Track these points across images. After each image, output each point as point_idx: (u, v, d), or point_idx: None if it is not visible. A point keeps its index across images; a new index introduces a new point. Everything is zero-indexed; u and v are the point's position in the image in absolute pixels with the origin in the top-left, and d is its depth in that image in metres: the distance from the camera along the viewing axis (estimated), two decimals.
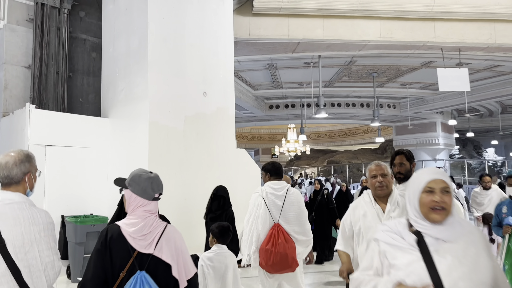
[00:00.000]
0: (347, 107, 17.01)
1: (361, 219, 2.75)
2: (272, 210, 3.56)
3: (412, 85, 14.94)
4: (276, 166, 3.80)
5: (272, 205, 3.58)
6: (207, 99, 6.40)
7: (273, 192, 3.62)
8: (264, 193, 3.63)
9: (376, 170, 2.70)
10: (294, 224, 3.58)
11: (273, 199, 3.59)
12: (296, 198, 3.66)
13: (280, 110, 17.09)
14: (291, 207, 3.60)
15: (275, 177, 3.72)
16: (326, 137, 29.90)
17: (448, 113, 19.65)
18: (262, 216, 3.55)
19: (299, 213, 3.62)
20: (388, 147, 25.28)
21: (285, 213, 3.57)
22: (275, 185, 3.67)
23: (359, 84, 14.62)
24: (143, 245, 1.93)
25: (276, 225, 3.53)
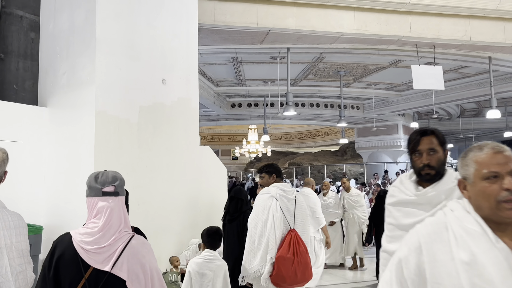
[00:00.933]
0: (311, 108, 16.52)
1: (463, 273, 1.19)
2: (286, 213, 3.28)
3: (378, 85, 14.65)
4: (278, 168, 3.57)
5: (285, 208, 3.29)
6: (166, 87, 5.53)
7: (285, 195, 3.34)
8: (277, 195, 3.31)
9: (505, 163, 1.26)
10: (302, 230, 3.34)
11: (286, 203, 3.31)
12: (302, 204, 3.44)
13: (243, 109, 16.34)
14: (301, 211, 3.38)
15: (280, 179, 3.49)
16: (287, 139, 29.51)
17: (409, 116, 19.67)
18: (279, 220, 3.24)
19: (306, 218, 3.43)
20: (348, 149, 25.20)
21: (296, 217, 3.33)
22: (285, 187, 3.39)
23: (325, 83, 14.14)
24: (99, 260, 1.64)
25: (292, 230, 3.25)
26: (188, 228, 5.60)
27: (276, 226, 3.23)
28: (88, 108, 4.84)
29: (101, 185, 1.72)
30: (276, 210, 3.27)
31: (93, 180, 1.74)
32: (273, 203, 3.30)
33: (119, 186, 1.76)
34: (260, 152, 23.75)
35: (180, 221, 5.45)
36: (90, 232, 1.66)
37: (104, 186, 1.72)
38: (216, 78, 13.40)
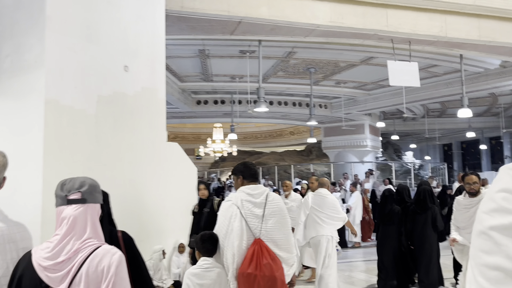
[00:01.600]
0: (279, 106, 16.13)
1: None
2: (250, 222, 2.88)
3: (347, 84, 14.44)
4: (250, 167, 3.13)
5: (250, 215, 2.88)
6: (129, 75, 4.89)
7: (250, 199, 2.92)
8: (239, 201, 2.92)
9: None
10: (277, 238, 2.92)
11: (251, 208, 2.90)
12: (278, 205, 2.97)
13: (209, 106, 15.72)
14: (273, 217, 2.91)
15: (250, 181, 3.04)
16: (252, 138, 29.08)
17: (376, 116, 19.68)
18: (237, 231, 2.85)
19: (282, 224, 2.96)
20: (313, 149, 25.06)
21: (265, 225, 2.90)
22: (251, 190, 2.96)
23: (294, 80, 13.77)
24: (55, 278, 1.48)
25: (257, 240, 2.85)
26: (154, 234, 5.00)
27: (235, 238, 2.85)
28: (36, 96, 4.13)
29: (66, 192, 1.62)
30: (235, 220, 2.89)
31: (59, 188, 1.65)
32: (234, 212, 2.92)
33: (87, 193, 1.62)
34: (226, 151, 23.15)
35: (144, 226, 4.83)
36: (50, 246, 1.54)
37: (69, 193, 1.62)
38: (181, 72, 12.73)
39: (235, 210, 2.92)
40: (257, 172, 3.18)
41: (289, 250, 2.96)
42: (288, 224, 3.03)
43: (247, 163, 3.20)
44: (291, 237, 3.02)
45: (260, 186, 3.05)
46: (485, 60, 11.47)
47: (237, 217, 2.89)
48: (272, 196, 3.02)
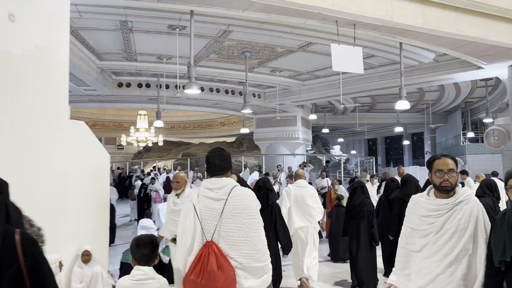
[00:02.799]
0: (210, 93, 15.08)
1: None
2: (204, 220, 2.49)
3: (283, 72, 13.78)
4: (212, 157, 2.62)
5: (206, 213, 2.50)
6: (15, 27, 3.64)
7: (208, 194, 2.53)
8: (195, 196, 2.55)
9: None
10: (238, 241, 2.45)
11: (208, 205, 2.51)
12: (243, 202, 2.50)
13: (132, 89, 14.24)
14: (234, 216, 2.47)
15: (213, 174, 2.62)
16: (180, 128, 27.72)
17: (308, 108, 19.37)
18: (189, 230, 2.51)
19: (247, 225, 2.46)
20: (244, 140, 24.39)
21: (224, 224, 2.46)
22: (211, 183, 2.57)
23: (228, 65, 12.81)
24: None
25: (208, 243, 2.45)
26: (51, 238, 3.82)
27: (187, 239, 2.49)
28: None
29: None
30: (188, 217, 2.52)
31: None
32: (189, 208, 2.56)
33: None
34: (151, 141, 21.65)
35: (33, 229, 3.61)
36: None
37: None
38: (100, 48, 11.20)
39: (190, 206, 2.55)
40: (223, 163, 2.62)
41: (256, 257, 2.43)
42: (256, 226, 2.49)
43: (211, 154, 2.66)
44: (259, 242, 2.47)
45: (224, 180, 2.57)
46: (420, 53, 11.36)
47: (190, 215, 2.53)
48: (237, 192, 2.52)
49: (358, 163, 21.84)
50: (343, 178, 19.95)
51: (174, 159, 22.25)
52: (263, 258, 2.45)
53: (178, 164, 21.38)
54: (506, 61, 10.43)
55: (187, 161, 20.65)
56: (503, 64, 10.66)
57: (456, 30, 8.34)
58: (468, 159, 18.96)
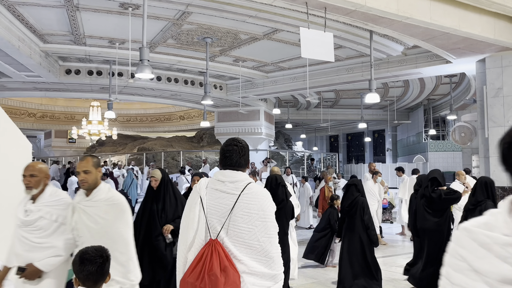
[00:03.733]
0: (168, 83, 14.09)
1: None
2: (211, 216, 2.15)
3: (246, 62, 13.02)
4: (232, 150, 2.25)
5: (213, 207, 2.16)
6: None
7: (218, 187, 2.19)
8: (203, 188, 2.22)
9: None
10: (248, 244, 2.08)
11: (217, 198, 2.17)
12: (258, 202, 2.12)
13: (82, 77, 13.04)
14: (246, 215, 2.09)
15: (225, 168, 2.27)
16: (137, 122, 26.40)
17: (271, 102, 18.75)
18: (193, 225, 2.17)
19: (260, 227, 2.08)
20: (205, 135, 23.48)
21: (233, 223, 2.10)
22: (225, 176, 2.22)
23: (187, 52, 11.90)
24: None
25: (212, 242, 2.10)
26: None
27: (189, 234, 2.18)
28: None
29: None
30: (193, 210, 2.21)
31: None
32: (194, 200, 2.25)
33: None
34: (104, 134, 20.32)
35: None
36: None
37: None
38: (43, 29, 10.01)
39: (196, 197, 2.26)
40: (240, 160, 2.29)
41: (267, 264, 2.10)
42: (270, 230, 2.15)
43: (227, 147, 2.31)
44: (272, 249, 2.13)
45: (240, 174, 2.26)
46: (389, 45, 10.95)
47: (196, 207, 2.23)
48: (252, 190, 2.20)
49: (322, 159, 21.46)
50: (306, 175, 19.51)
51: (130, 154, 21.04)
52: (275, 266, 2.12)
53: (133, 159, 20.19)
54: (475, 56, 10.18)
55: (142, 156, 19.52)
56: (472, 58, 10.41)
57: (430, 19, 7.89)
58: (430, 156, 18.98)
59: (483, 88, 10.45)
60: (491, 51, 9.82)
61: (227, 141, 2.35)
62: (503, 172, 1.28)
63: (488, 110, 10.29)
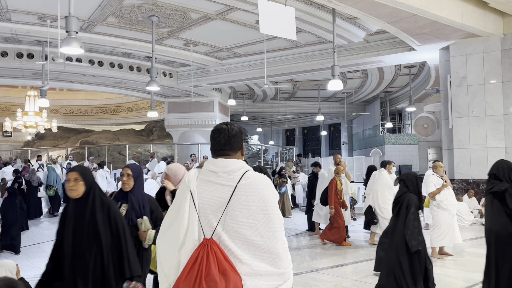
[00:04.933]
0: (111, 69, 12.75)
1: None
2: (203, 211, 1.86)
3: (198, 47, 11.94)
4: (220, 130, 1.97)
5: (207, 201, 1.86)
6: None
7: (211, 178, 1.89)
8: (193, 181, 1.91)
9: None
10: (250, 241, 1.81)
11: (210, 191, 1.87)
12: (258, 192, 1.83)
13: (9, 60, 11.45)
14: (245, 209, 1.81)
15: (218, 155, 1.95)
16: (81, 114, 24.51)
17: (226, 93, 17.77)
18: (182, 223, 1.88)
19: (262, 221, 1.81)
20: (155, 128, 22.13)
21: (231, 218, 1.82)
22: (216, 165, 1.90)
23: (131, 33, 10.65)
24: None
25: (207, 241, 1.82)
26: None
27: (179, 234, 1.86)
28: None
29: None
30: (178, 208, 1.89)
31: None
32: (183, 196, 1.90)
33: None
34: (42, 126, 18.48)
35: None
36: None
37: None
38: None
39: (185, 192, 1.91)
40: (231, 141, 1.94)
41: (273, 262, 1.83)
42: (275, 223, 1.84)
43: (215, 128, 1.99)
44: (278, 244, 1.82)
45: (234, 162, 1.90)
46: (351, 30, 10.29)
47: (185, 203, 1.88)
48: (251, 178, 1.84)
49: (279, 153, 20.75)
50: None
51: (71, 148, 19.31)
52: (283, 264, 1.86)
53: (75, 153, 18.53)
54: (439, 42, 9.71)
55: (85, 150, 17.92)
56: (436, 46, 9.94)
57: None
58: (387, 149, 18.76)
59: (447, 77, 10.02)
60: (457, 37, 9.37)
61: (217, 127, 2.04)
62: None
63: (452, 100, 9.87)
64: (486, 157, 9.34)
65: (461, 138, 9.70)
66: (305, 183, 13.34)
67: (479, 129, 9.49)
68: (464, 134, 9.65)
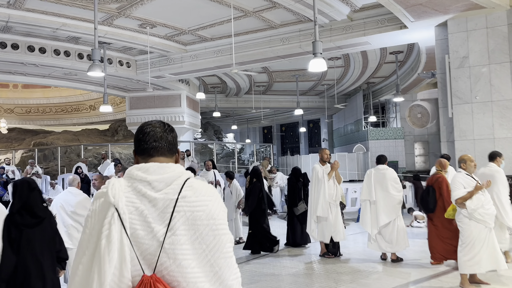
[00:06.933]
0: (56, 56, 10.94)
1: None
2: (137, 238, 1.39)
3: (156, 28, 10.25)
4: (156, 124, 1.59)
5: (139, 224, 1.40)
6: None
7: (143, 189, 1.43)
8: (119, 196, 1.40)
9: None
10: (197, 275, 1.39)
11: (143, 209, 1.41)
12: (205, 206, 1.43)
13: None
14: (191, 229, 1.41)
15: (147, 156, 1.53)
16: (39, 113, 22.42)
17: (194, 86, 16.10)
18: (107, 258, 1.35)
19: (212, 246, 1.41)
20: (120, 128, 20.28)
21: (174, 244, 1.39)
22: (149, 172, 1.45)
23: (73, 10, 8.89)
24: None
25: (149, 280, 1.37)
26: None
27: (106, 272, 1.34)
28: None
29: None
30: (107, 233, 1.37)
31: None
32: (107, 218, 1.38)
33: None
34: None
35: None
36: None
37: None
38: None
39: (106, 210, 1.40)
40: (170, 140, 1.58)
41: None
42: (226, 247, 1.44)
43: (148, 123, 1.61)
44: (230, 275, 1.44)
45: (172, 167, 1.48)
46: (333, 5, 8.79)
47: (112, 228, 1.37)
48: (194, 188, 1.46)
49: (254, 151, 19.20)
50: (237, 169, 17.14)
51: (24, 150, 17.31)
52: None
53: (28, 156, 16.54)
54: (436, 17, 8.31)
55: (42, 153, 15.98)
56: (432, 21, 8.54)
57: None
58: (371, 145, 17.43)
59: (445, 58, 8.62)
60: (457, 9, 7.98)
61: (145, 122, 1.64)
62: None
63: (452, 84, 8.48)
64: (494, 149, 7.94)
65: (463, 128, 8.32)
66: (283, 185, 11.80)
67: (484, 117, 8.13)
68: (467, 123, 8.29)
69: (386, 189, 5.84)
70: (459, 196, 4.16)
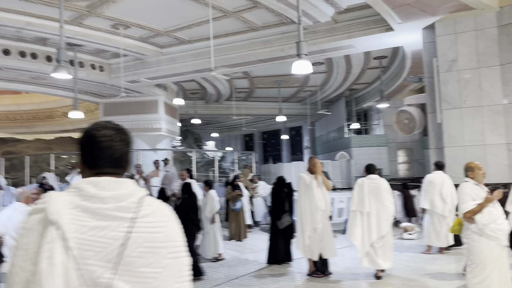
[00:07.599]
0: (22, 59, 10.22)
1: None
2: (84, 262, 1.20)
3: (131, 29, 9.66)
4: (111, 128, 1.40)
5: (89, 245, 1.21)
6: None
7: (93, 207, 1.26)
8: (62, 210, 1.23)
9: None
10: None
11: (94, 229, 1.23)
12: (163, 227, 1.33)
13: None
14: (149, 252, 1.27)
15: (99, 169, 1.36)
16: (8, 121, 21.39)
17: (172, 91, 15.52)
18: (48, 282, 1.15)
19: (171, 268, 1.30)
20: None
21: (129, 267, 1.24)
22: (101, 188, 1.29)
23: (37, 8, 8.24)
24: None
25: None
26: None
27: None
28: None
29: None
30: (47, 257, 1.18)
31: None
32: (47, 239, 1.20)
33: None
34: None
35: None
36: None
37: None
38: None
39: (50, 234, 1.22)
40: (126, 151, 1.41)
41: None
42: (184, 270, 1.36)
43: (95, 128, 1.40)
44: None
45: (126, 183, 1.35)
46: (317, 5, 8.37)
47: (54, 250, 1.20)
48: (152, 207, 1.34)
49: (236, 160, 18.64)
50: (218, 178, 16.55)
51: None
52: None
53: None
54: (424, 19, 7.98)
55: (7, 162, 15.08)
56: (419, 23, 8.21)
57: None
58: (354, 152, 17.09)
59: (433, 62, 8.28)
60: (446, 10, 7.65)
61: (95, 124, 1.44)
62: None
63: (440, 89, 8.14)
64: (484, 155, 7.65)
65: (452, 134, 7.97)
66: (266, 194, 11.27)
67: (474, 122, 7.80)
68: (457, 129, 7.94)
69: (381, 201, 5.37)
70: (468, 209, 3.69)
